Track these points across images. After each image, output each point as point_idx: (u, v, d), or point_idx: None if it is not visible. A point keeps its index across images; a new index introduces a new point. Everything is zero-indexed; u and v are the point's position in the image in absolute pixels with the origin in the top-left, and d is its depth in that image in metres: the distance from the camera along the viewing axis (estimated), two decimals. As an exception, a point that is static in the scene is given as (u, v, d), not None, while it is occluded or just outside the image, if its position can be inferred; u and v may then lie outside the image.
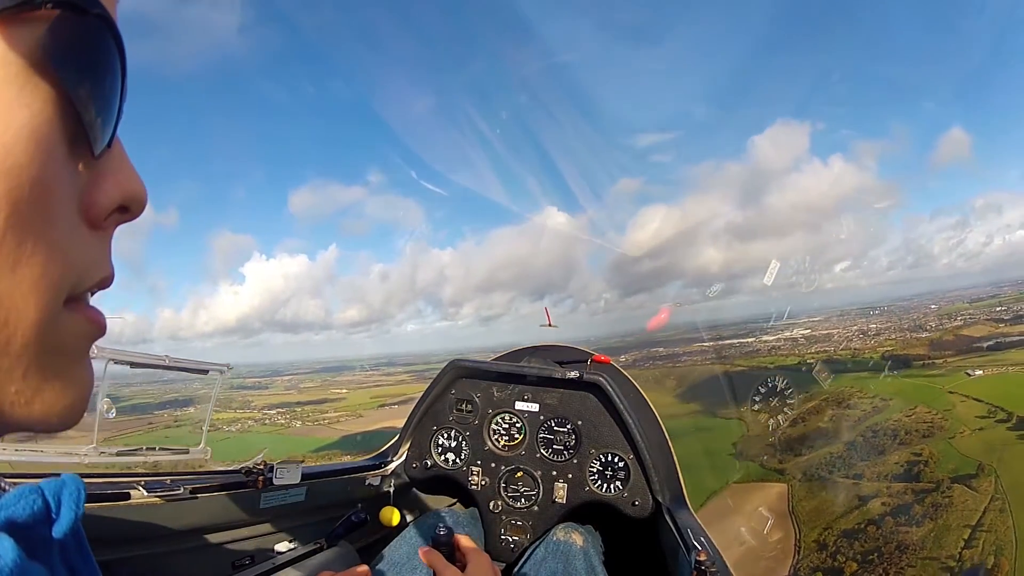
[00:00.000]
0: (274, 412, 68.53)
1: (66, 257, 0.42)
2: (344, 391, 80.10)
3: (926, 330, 49.03)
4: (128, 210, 0.50)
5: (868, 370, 44.01)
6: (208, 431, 2.18)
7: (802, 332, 54.72)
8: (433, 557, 1.55)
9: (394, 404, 73.15)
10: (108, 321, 0.51)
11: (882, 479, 32.15)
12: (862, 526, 28.91)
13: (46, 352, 0.42)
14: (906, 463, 33.09)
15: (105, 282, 0.49)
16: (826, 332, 54.20)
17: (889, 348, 48.16)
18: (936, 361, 42.79)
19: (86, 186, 0.45)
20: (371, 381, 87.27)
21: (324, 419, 65.74)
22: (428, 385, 2.67)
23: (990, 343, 43.53)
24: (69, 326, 0.45)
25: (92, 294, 0.49)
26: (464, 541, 1.66)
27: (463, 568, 1.57)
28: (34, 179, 0.38)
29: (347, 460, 2.70)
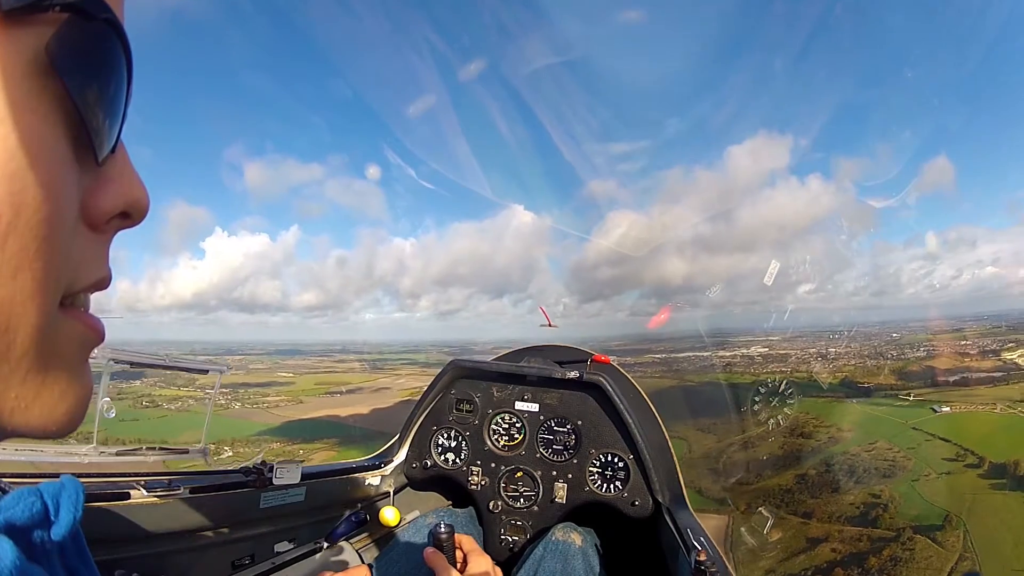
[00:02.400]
0: (215, 392, 62.23)
1: (66, 258, 0.42)
2: (291, 375, 76.30)
3: (887, 358, 47.26)
4: (129, 216, 0.49)
5: (825, 396, 39.08)
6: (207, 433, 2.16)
7: (759, 350, 52.77)
8: (435, 559, 1.49)
9: (339, 393, 69.37)
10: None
11: (834, 520, 27.24)
12: (808, 573, 23.96)
13: (45, 357, 0.41)
14: (863, 505, 28.46)
15: (102, 283, 0.48)
16: (784, 352, 52.54)
17: (848, 374, 45.47)
18: (899, 392, 38.33)
19: (88, 190, 0.44)
20: (322, 367, 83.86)
21: (264, 403, 61.52)
22: (428, 384, 2.65)
23: (956, 377, 41.08)
24: (67, 331, 0.44)
25: (89, 295, 0.48)
26: (466, 542, 1.59)
27: (463, 569, 1.53)
28: (37, 184, 0.37)
29: (343, 459, 2.72)
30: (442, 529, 1.51)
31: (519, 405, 2.54)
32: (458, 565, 1.54)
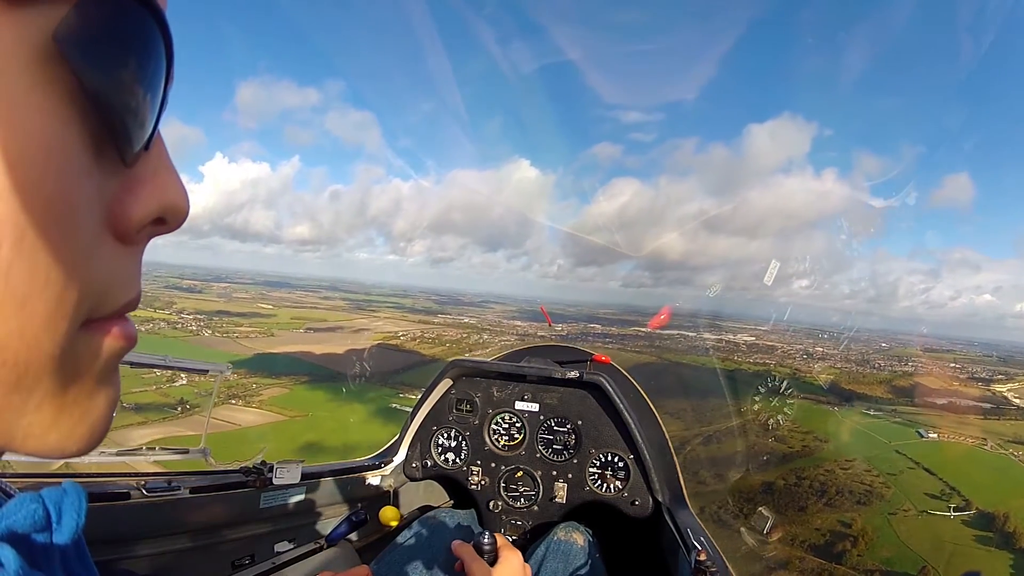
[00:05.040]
0: (191, 317, 64.70)
1: (86, 280, 0.35)
2: (271, 307, 75.92)
3: (875, 368, 45.08)
4: (165, 222, 0.42)
5: (806, 397, 36.11)
6: (207, 432, 2.17)
7: (746, 338, 51.43)
8: (463, 550, 1.48)
9: (314, 330, 70.05)
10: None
11: (797, 545, 23.89)
12: (760, 604, 20.95)
13: (63, 381, 0.37)
14: (830, 532, 24.98)
15: (130, 306, 0.42)
16: (770, 344, 50.68)
17: (833, 377, 42.37)
18: (884, 405, 35.31)
19: (116, 195, 0.38)
20: (306, 302, 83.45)
21: (235, 333, 61.55)
22: (428, 384, 2.65)
23: (944, 401, 38.46)
24: (91, 349, 0.39)
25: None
26: (499, 539, 1.55)
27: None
28: (48, 198, 0.31)
29: (344, 459, 2.61)
30: (485, 541, 1.48)
31: (519, 405, 2.53)
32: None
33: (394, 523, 2.42)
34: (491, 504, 2.47)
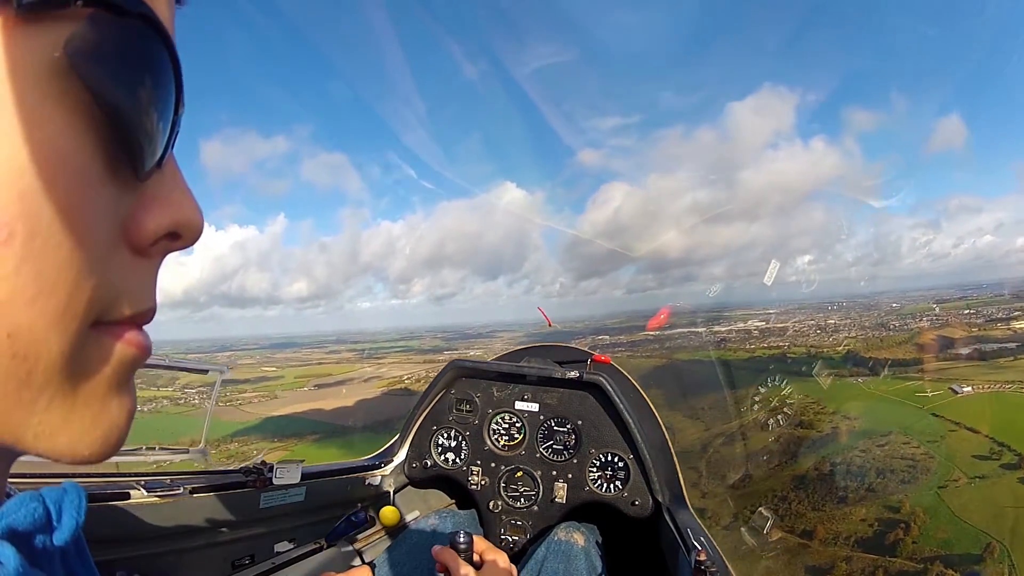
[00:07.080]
0: (194, 391, 59.96)
1: (98, 285, 0.36)
2: (275, 369, 73.12)
3: (890, 329, 43.47)
4: (180, 237, 0.44)
5: (828, 371, 33.69)
6: (206, 434, 2.18)
7: (757, 324, 49.48)
8: (447, 555, 1.46)
9: (318, 386, 67.43)
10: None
11: (842, 543, 20.77)
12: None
13: (73, 381, 0.37)
14: (877, 522, 21.45)
15: (144, 316, 0.42)
16: (781, 325, 48.88)
17: (850, 346, 40.64)
18: (909, 366, 33.17)
19: (130, 209, 0.39)
20: (313, 359, 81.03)
21: (238, 400, 58.00)
22: (428, 385, 2.65)
23: (969, 350, 36.24)
24: (102, 352, 0.39)
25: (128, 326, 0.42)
26: (479, 541, 1.54)
27: (478, 567, 1.51)
28: (57, 202, 0.32)
29: (345, 460, 2.60)
30: (461, 539, 1.47)
31: (519, 405, 2.51)
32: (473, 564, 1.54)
33: (394, 523, 2.42)
34: (491, 504, 2.45)
